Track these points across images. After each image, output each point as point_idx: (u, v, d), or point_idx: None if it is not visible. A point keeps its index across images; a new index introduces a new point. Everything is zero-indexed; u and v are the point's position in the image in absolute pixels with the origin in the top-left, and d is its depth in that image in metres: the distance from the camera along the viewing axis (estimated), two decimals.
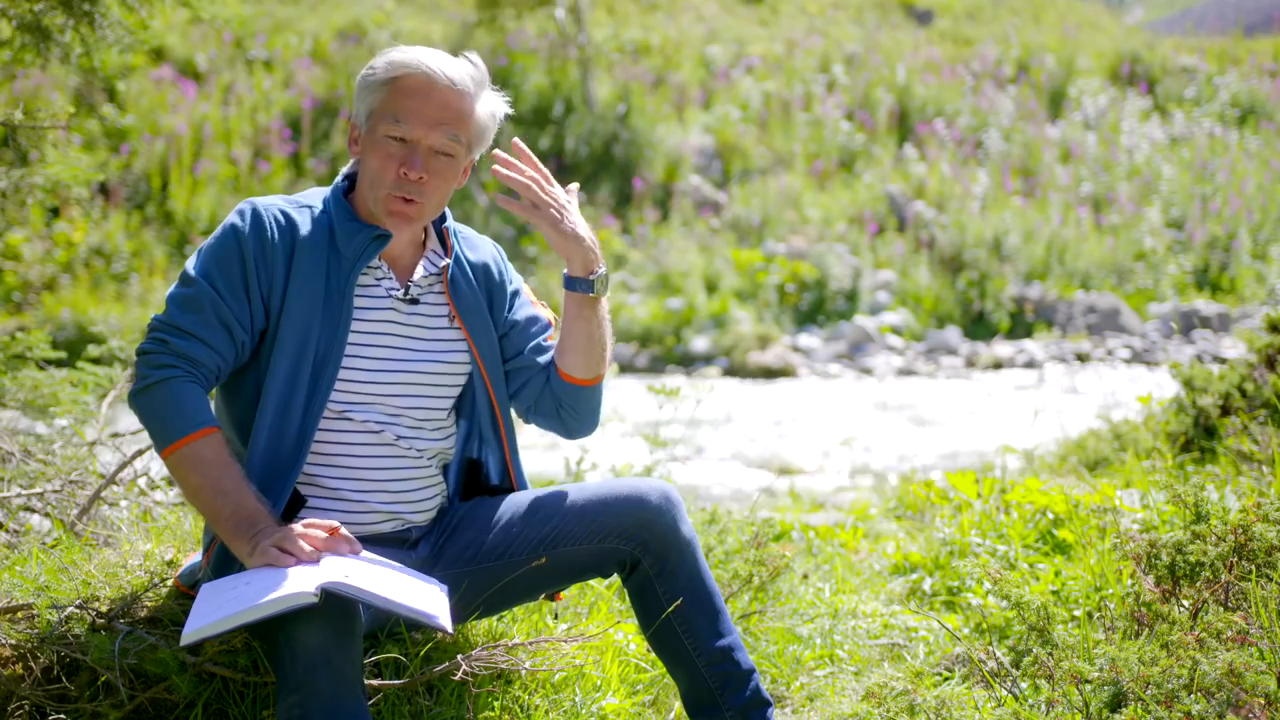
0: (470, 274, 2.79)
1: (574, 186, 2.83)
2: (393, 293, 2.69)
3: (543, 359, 2.82)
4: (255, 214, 2.63)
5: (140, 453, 3.65)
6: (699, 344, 13.32)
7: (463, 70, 2.67)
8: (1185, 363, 5.29)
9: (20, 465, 3.66)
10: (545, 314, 2.89)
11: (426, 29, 18.68)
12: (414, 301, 2.71)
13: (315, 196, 2.72)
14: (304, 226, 2.64)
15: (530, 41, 17.98)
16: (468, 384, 2.80)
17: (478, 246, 2.86)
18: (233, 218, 2.63)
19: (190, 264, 2.61)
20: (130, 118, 15.00)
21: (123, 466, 3.57)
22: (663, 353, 13.38)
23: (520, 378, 2.83)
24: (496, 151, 2.71)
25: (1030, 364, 13.33)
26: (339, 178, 2.75)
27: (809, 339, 13.72)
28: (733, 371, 12.94)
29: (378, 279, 2.69)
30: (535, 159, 2.75)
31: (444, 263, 2.76)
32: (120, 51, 4.20)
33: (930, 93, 18.53)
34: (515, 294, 2.88)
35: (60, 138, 4.36)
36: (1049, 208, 16.30)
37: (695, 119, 17.61)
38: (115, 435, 4.08)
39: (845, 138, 17.48)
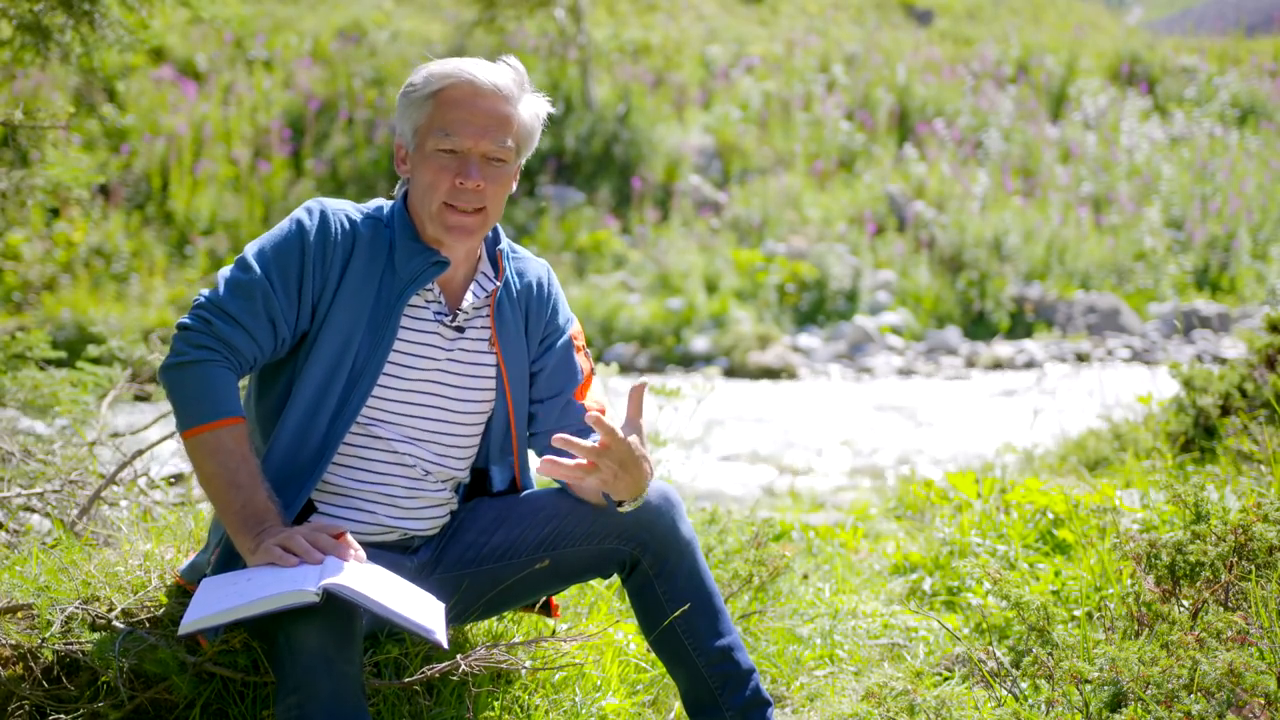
0: (514, 296, 2.77)
1: (642, 383, 2.60)
2: (440, 318, 2.68)
3: (556, 427, 2.76)
4: (323, 215, 2.62)
5: (140, 453, 3.65)
6: (699, 344, 13.32)
7: (504, 75, 2.65)
8: (1185, 363, 5.29)
9: (20, 465, 3.66)
10: (584, 364, 2.83)
11: (426, 29, 18.69)
12: (460, 330, 2.70)
13: (379, 208, 2.70)
14: (366, 237, 2.63)
15: (530, 41, 17.98)
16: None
17: (528, 269, 2.82)
18: (300, 213, 2.62)
19: (250, 250, 2.59)
20: (130, 118, 15.00)
21: (123, 466, 3.57)
22: (663, 353, 13.38)
23: (533, 427, 2.81)
24: (558, 437, 2.52)
25: (1030, 364, 13.33)
26: (397, 192, 2.73)
27: (809, 339, 13.72)
28: (733, 371, 12.94)
29: (427, 302, 2.68)
30: (606, 425, 2.50)
31: (493, 287, 2.73)
32: (120, 51, 4.20)
33: (930, 93, 18.53)
34: (561, 331, 2.81)
35: (60, 138, 4.37)
36: (1049, 208, 16.30)
37: (695, 119, 17.61)
38: (115, 435, 4.08)
39: (845, 138, 17.48)
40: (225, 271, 2.58)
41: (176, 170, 14.87)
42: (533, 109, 2.69)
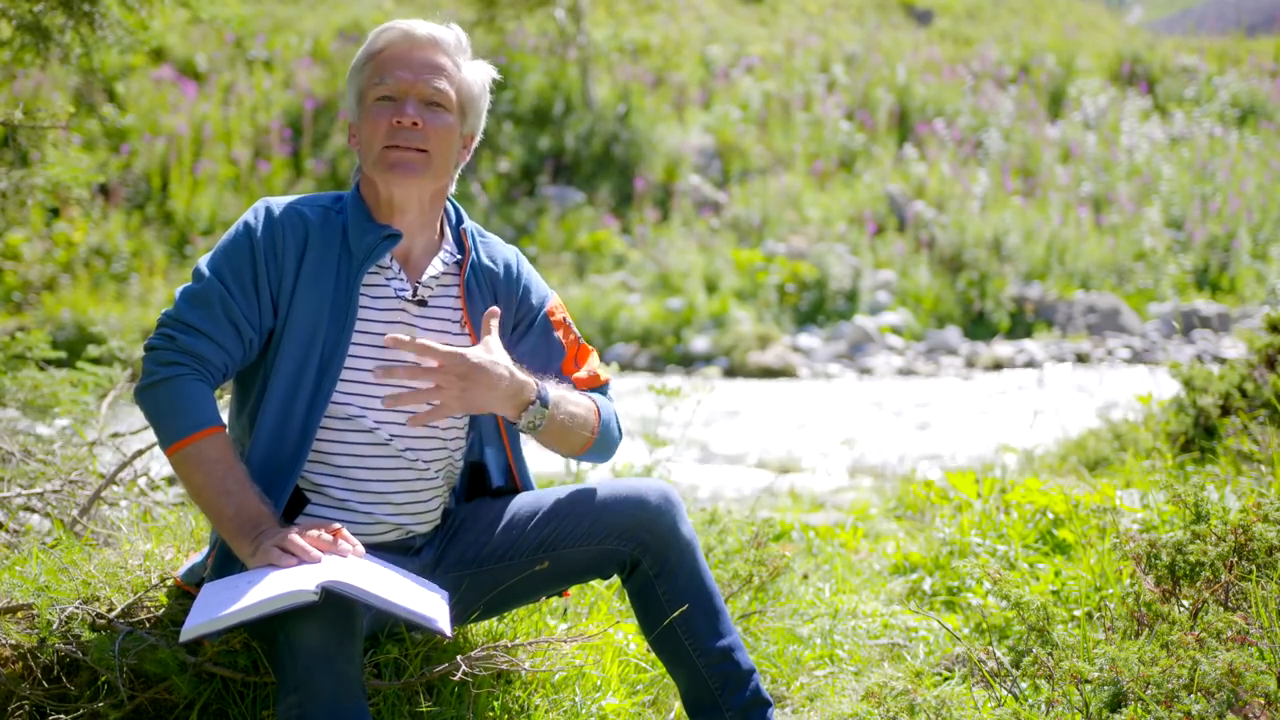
0: (481, 279, 2.76)
1: (494, 310, 2.62)
2: (401, 294, 2.67)
3: None
4: (269, 212, 2.62)
5: (140, 453, 3.65)
6: (699, 344, 13.32)
7: (442, 30, 2.66)
8: (1185, 363, 5.29)
9: (20, 465, 3.66)
10: (567, 337, 2.81)
11: None
12: (423, 303, 2.68)
13: (330, 198, 2.71)
14: (317, 226, 2.63)
15: (530, 41, 17.99)
16: None
17: (495, 253, 2.80)
18: (247, 215, 2.63)
19: (203, 260, 2.60)
20: (130, 118, 15.00)
21: (123, 466, 3.57)
22: (663, 353, 13.38)
23: None
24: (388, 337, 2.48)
25: (1030, 364, 13.33)
26: (353, 179, 2.74)
27: (809, 339, 13.72)
28: (733, 371, 12.94)
29: (387, 279, 2.66)
30: (413, 343, 2.48)
31: (459, 259, 2.72)
32: (120, 51, 4.20)
33: (930, 93, 18.53)
34: (536, 310, 2.80)
35: (60, 138, 4.36)
36: (1049, 208, 16.30)
37: (695, 119, 17.61)
38: (115, 435, 4.08)
39: (845, 138, 17.48)
40: (182, 286, 2.59)
41: (176, 170, 14.87)
42: (477, 74, 2.70)
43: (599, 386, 2.83)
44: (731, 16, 21.95)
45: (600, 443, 2.74)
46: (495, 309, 2.62)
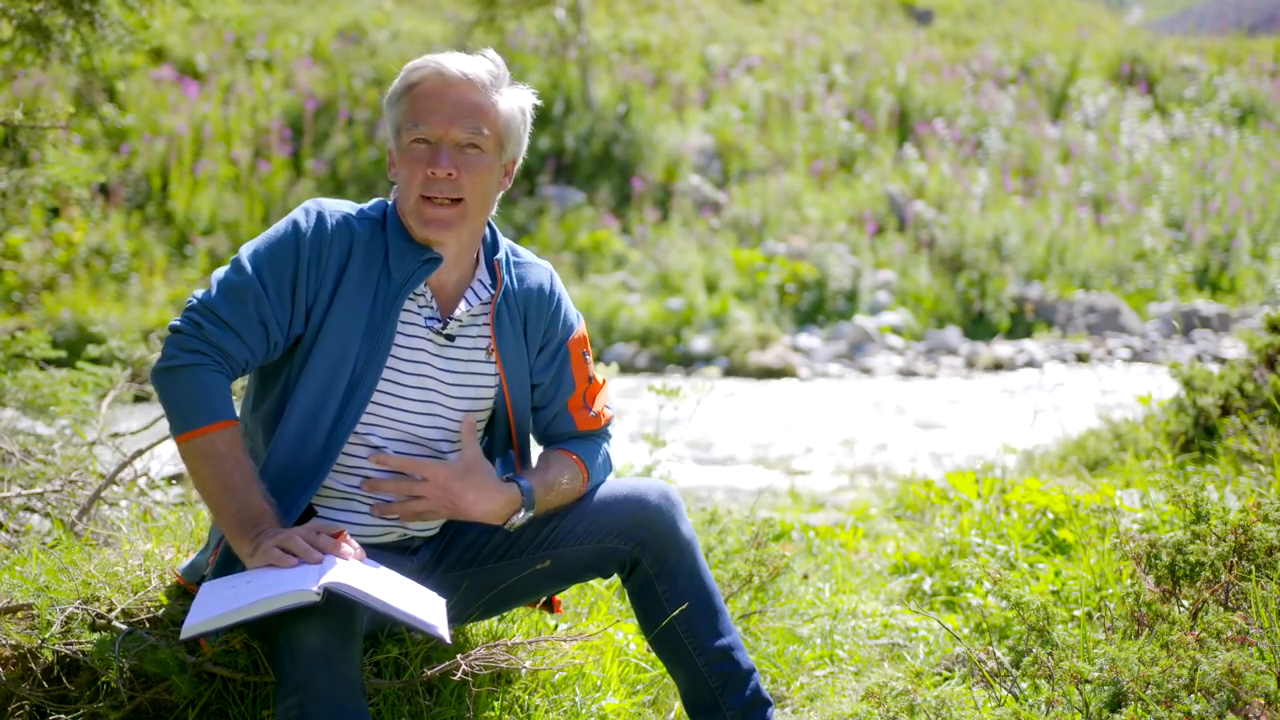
0: (513, 303, 2.73)
1: (470, 421, 2.68)
2: (431, 324, 2.65)
3: (545, 434, 2.81)
4: (320, 216, 2.59)
5: (140, 453, 3.65)
6: (699, 344, 13.32)
7: (477, 65, 2.62)
8: (1185, 363, 5.28)
9: (20, 465, 3.66)
10: (581, 374, 2.81)
11: (425, 29, 18.69)
12: (450, 338, 2.67)
13: (380, 211, 2.68)
14: (364, 241, 2.60)
15: (530, 41, 17.99)
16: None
17: (529, 274, 2.77)
18: (297, 214, 2.60)
19: (244, 251, 2.57)
20: (130, 118, 14.99)
21: (123, 466, 3.57)
22: (663, 353, 13.37)
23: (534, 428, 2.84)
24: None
25: (1030, 364, 13.33)
26: (392, 197, 2.70)
27: (809, 339, 13.72)
28: (733, 371, 12.94)
29: (419, 307, 2.65)
30: (400, 461, 2.63)
31: (488, 295, 2.70)
32: (120, 51, 4.20)
33: (930, 93, 18.53)
34: (560, 339, 2.79)
35: (60, 138, 4.36)
36: (1049, 208, 16.30)
37: (695, 119, 17.60)
38: (115, 435, 4.08)
39: (845, 138, 17.48)
40: (219, 273, 2.56)
41: (176, 170, 14.87)
42: (515, 101, 2.66)
43: (601, 427, 2.83)
44: (731, 16, 21.95)
45: (587, 493, 2.79)
46: (472, 421, 2.66)
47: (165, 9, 4.41)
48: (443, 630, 2.38)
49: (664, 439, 4.39)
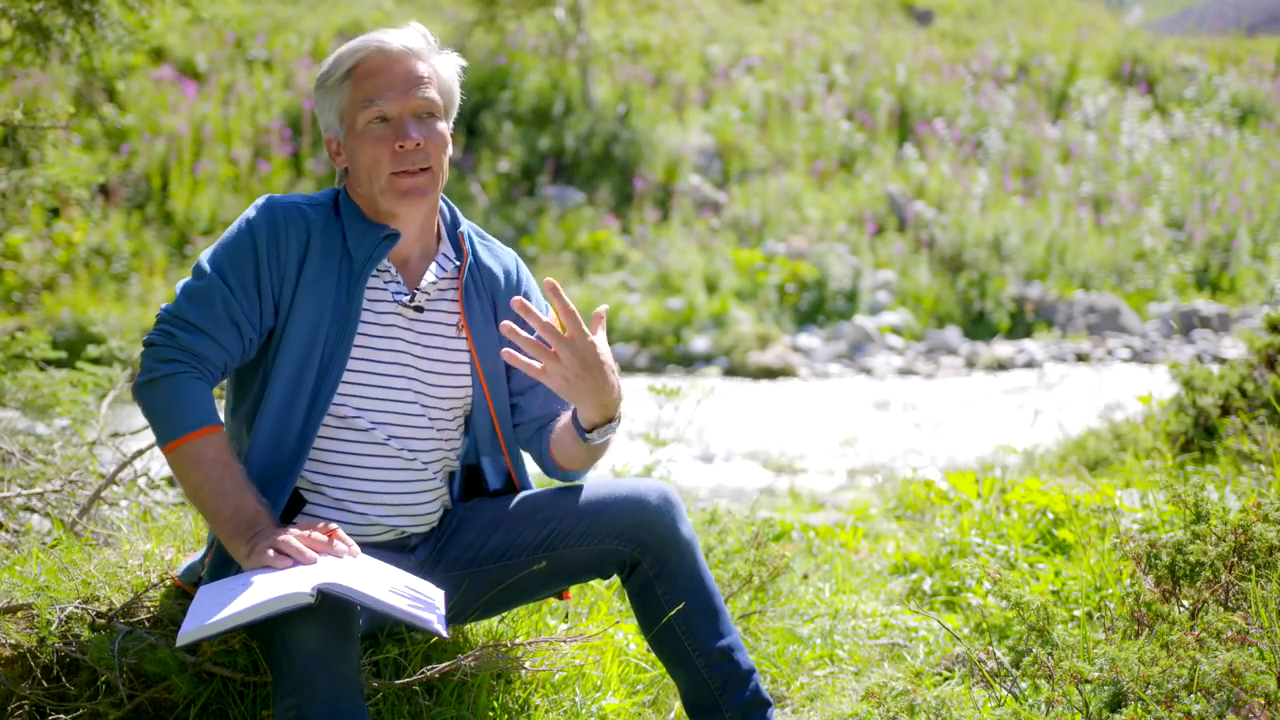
0: (480, 283, 2.76)
1: (602, 310, 2.60)
2: (399, 298, 2.67)
3: (542, 412, 2.78)
4: (271, 210, 2.61)
5: (140, 453, 3.65)
6: (699, 344, 13.32)
7: (411, 36, 2.66)
8: (1185, 363, 5.28)
9: (20, 465, 3.66)
10: None
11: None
12: (419, 309, 2.68)
13: (335, 195, 2.71)
14: (320, 226, 2.62)
15: (530, 41, 17.98)
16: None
17: (497, 255, 2.81)
18: (250, 212, 2.62)
19: (204, 256, 2.58)
20: (130, 118, 14.99)
21: (123, 466, 3.57)
22: (663, 353, 13.38)
23: (518, 417, 2.81)
24: (515, 299, 2.50)
25: (1030, 364, 13.33)
26: (339, 184, 2.72)
27: (809, 339, 13.72)
28: (733, 371, 12.94)
29: (385, 283, 2.66)
30: (569, 305, 2.50)
31: (454, 267, 2.72)
32: (120, 51, 4.20)
33: (930, 93, 18.53)
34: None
35: (60, 138, 4.36)
36: (1049, 208, 16.30)
37: (695, 119, 17.60)
38: (115, 435, 4.07)
39: (845, 138, 17.48)
40: (183, 282, 2.58)
41: (176, 170, 14.87)
42: (450, 65, 2.70)
43: None
44: (731, 16, 21.95)
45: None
46: (603, 311, 2.61)
47: (165, 9, 4.41)
48: (440, 626, 2.38)
49: (664, 439, 4.39)
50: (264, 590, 2.29)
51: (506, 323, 2.55)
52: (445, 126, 2.66)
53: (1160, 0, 49.08)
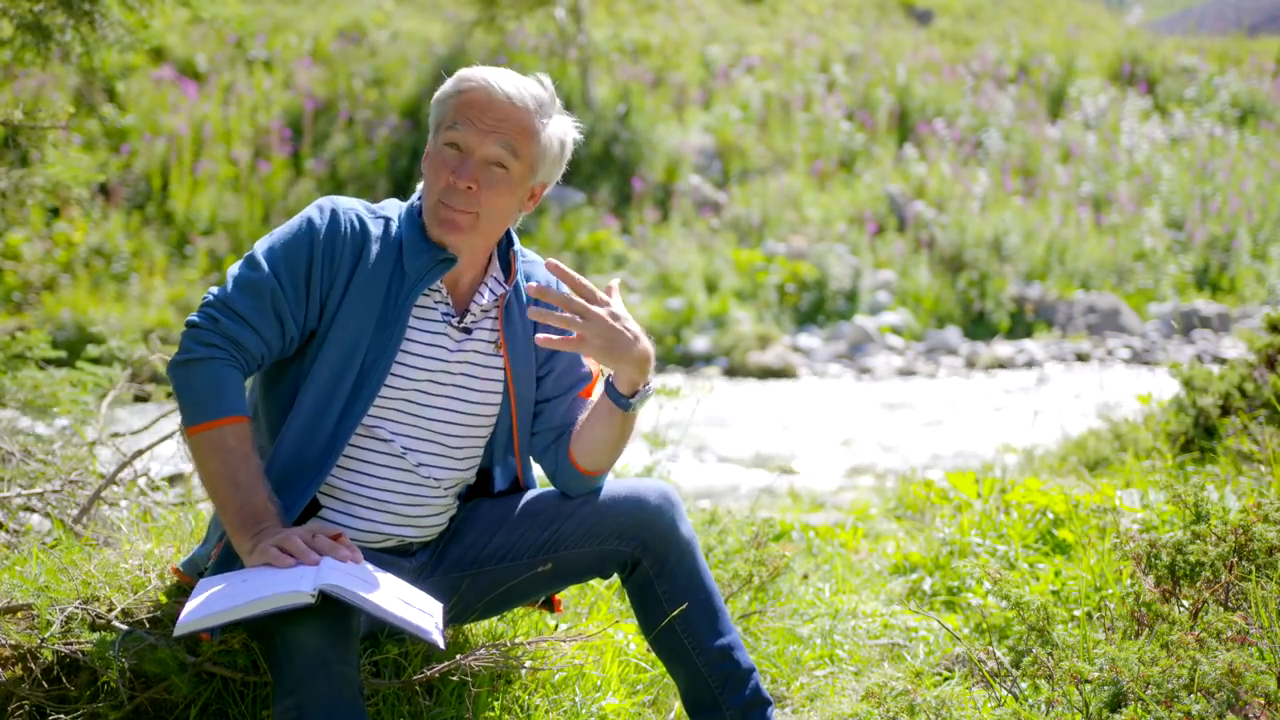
0: (523, 299, 2.76)
1: (615, 283, 2.68)
2: (448, 318, 2.68)
3: (563, 420, 2.79)
4: (334, 213, 2.62)
5: (140, 453, 3.65)
6: (699, 344, 13.32)
7: (525, 87, 2.65)
8: (1185, 363, 5.28)
9: (20, 465, 3.66)
10: (591, 364, 2.83)
11: (426, 29, 18.68)
12: (467, 331, 2.70)
13: (393, 209, 2.71)
14: (376, 237, 2.63)
15: (530, 41, 17.98)
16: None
17: (535, 273, 2.81)
18: (310, 211, 2.63)
19: (259, 247, 2.59)
20: (130, 118, 14.98)
21: (123, 466, 3.57)
22: (663, 353, 13.38)
23: (538, 425, 2.81)
24: (548, 261, 2.60)
25: (1030, 364, 13.33)
26: (414, 196, 2.73)
27: (809, 339, 13.72)
28: (733, 371, 12.94)
29: (435, 302, 2.68)
30: (577, 277, 2.60)
31: (502, 290, 2.73)
32: (120, 51, 4.20)
33: (930, 93, 18.53)
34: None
35: (60, 138, 4.36)
36: (1049, 208, 16.30)
37: (695, 119, 17.60)
38: (115, 435, 4.08)
39: (845, 138, 17.48)
40: (235, 269, 2.58)
41: (176, 170, 14.87)
42: (557, 131, 2.69)
43: None
44: (731, 16, 21.95)
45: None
46: (615, 283, 2.66)
47: (165, 9, 4.41)
48: (437, 637, 2.38)
49: (664, 439, 4.39)
50: (265, 586, 2.30)
51: (533, 284, 2.57)
52: (515, 180, 2.64)
53: (1160, 0, 49.07)
